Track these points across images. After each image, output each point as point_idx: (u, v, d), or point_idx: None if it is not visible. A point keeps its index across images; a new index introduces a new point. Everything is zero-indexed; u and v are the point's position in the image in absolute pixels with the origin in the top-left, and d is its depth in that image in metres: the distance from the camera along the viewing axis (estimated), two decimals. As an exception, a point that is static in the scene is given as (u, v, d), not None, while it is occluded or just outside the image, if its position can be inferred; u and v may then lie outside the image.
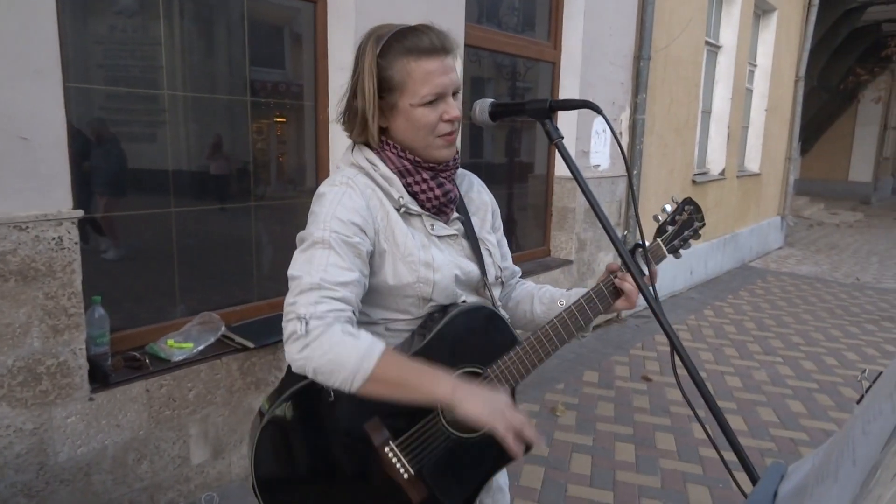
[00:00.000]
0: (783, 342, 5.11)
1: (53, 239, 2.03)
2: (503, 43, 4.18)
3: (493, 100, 1.21)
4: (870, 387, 0.75)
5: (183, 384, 2.45)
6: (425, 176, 1.20)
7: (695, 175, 6.63)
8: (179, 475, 2.49)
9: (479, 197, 1.37)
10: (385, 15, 3.02)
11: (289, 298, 1.07)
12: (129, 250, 2.62)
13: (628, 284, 1.26)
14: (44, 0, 1.95)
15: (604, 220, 1.07)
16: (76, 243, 2.09)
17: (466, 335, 1.19)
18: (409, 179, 1.19)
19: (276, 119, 3.10)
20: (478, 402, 1.02)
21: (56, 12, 1.99)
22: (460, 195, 1.31)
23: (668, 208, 1.37)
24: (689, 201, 1.37)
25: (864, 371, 0.85)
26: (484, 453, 1.21)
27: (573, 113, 4.46)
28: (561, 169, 4.83)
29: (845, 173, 19.04)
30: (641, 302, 1.16)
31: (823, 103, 15.37)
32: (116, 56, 2.49)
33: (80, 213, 2.09)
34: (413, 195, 1.20)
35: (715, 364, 4.52)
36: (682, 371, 1.05)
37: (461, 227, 1.27)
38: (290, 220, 3.14)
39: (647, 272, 1.23)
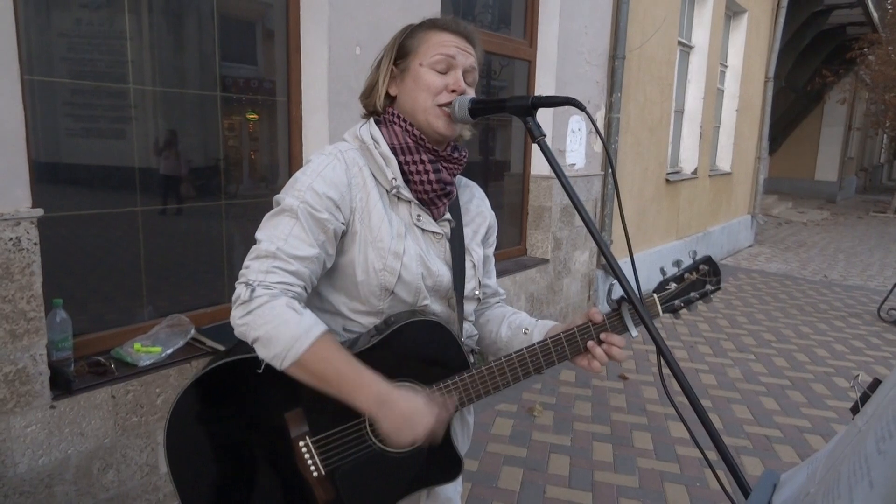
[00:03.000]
0: (755, 339, 5.17)
1: (11, 239, 1.94)
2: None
3: (472, 97, 1.17)
4: (866, 394, 0.73)
5: (151, 390, 2.36)
6: (424, 158, 1.18)
7: (668, 174, 6.69)
8: (147, 484, 2.41)
9: (477, 209, 1.35)
10: (360, 9, 2.96)
11: (245, 260, 1.08)
12: (94, 250, 2.52)
13: (600, 351, 1.17)
14: (-1, -11, 1.86)
15: (587, 221, 1.04)
16: (36, 244, 2.00)
17: (415, 348, 1.13)
18: (408, 158, 1.17)
19: (247, 115, 3.02)
20: (394, 428, 1.02)
21: (13, 2, 1.89)
22: (458, 202, 1.29)
23: (683, 263, 1.24)
24: (707, 260, 1.22)
25: (857, 376, 0.83)
26: (404, 471, 1.15)
27: (549, 111, 4.45)
28: (537, 168, 4.81)
29: (812, 172, 19.49)
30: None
31: (791, 104, 15.70)
32: (82, 49, 2.39)
33: (39, 212, 2.00)
34: (408, 177, 1.18)
35: (690, 362, 4.55)
36: (667, 374, 1.03)
37: (449, 230, 1.23)
38: (261, 218, 3.05)
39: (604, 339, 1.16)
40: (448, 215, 1.23)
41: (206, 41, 2.76)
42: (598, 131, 1.04)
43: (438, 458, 1.14)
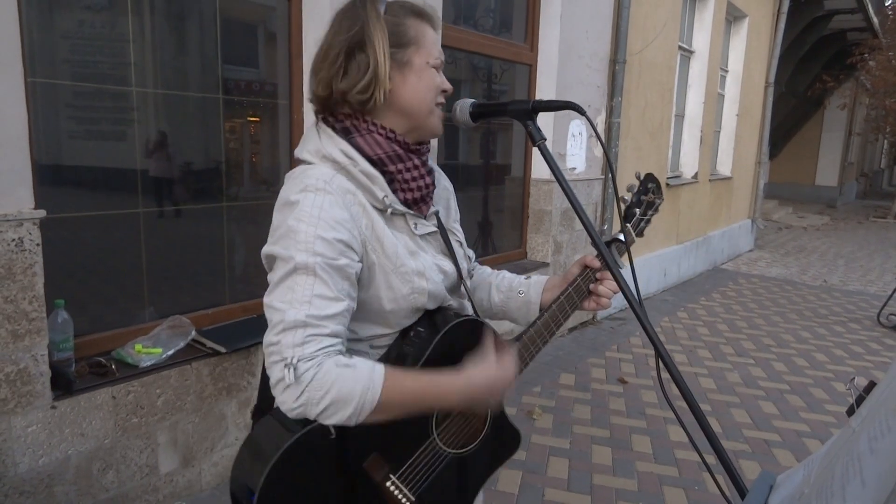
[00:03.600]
0: (755, 344, 5.18)
1: (13, 240, 1.95)
2: (480, 44, 4.17)
3: (474, 100, 1.18)
4: (861, 396, 0.74)
5: (151, 391, 2.37)
6: (416, 162, 1.11)
7: (668, 178, 6.71)
8: (147, 485, 2.41)
9: (440, 185, 1.25)
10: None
11: (270, 336, 0.96)
12: (96, 252, 2.53)
13: (603, 288, 1.25)
14: (4, -9, 1.87)
15: (586, 222, 1.04)
16: (38, 245, 2.01)
17: (457, 350, 1.11)
18: (400, 166, 1.08)
19: (249, 118, 3.03)
20: (486, 396, 1.04)
21: (17, 4, 1.91)
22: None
23: (634, 187, 1.34)
24: (651, 178, 1.33)
25: (853, 379, 0.84)
26: (477, 462, 1.20)
27: (550, 115, 4.46)
28: (538, 171, 4.83)
29: (812, 177, 19.52)
30: (616, 304, 1.14)
31: (791, 109, 15.73)
32: (84, 52, 2.41)
33: (42, 213, 2.01)
34: (400, 184, 1.09)
35: (689, 366, 4.56)
36: (665, 376, 1.03)
37: (436, 220, 1.19)
38: (263, 221, 3.07)
39: (623, 267, 1.20)
40: (433, 207, 1.19)
41: (208, 44, 2.77)
42: (597, 135, 1.05)
43: (501, 437, 1.20)
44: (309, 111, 3.00)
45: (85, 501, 2.23)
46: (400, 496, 1.07)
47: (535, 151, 4.79)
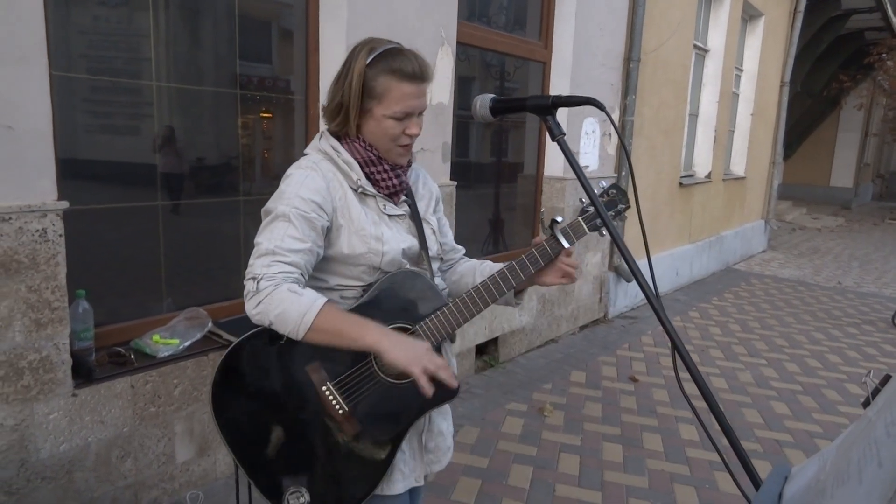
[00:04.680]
0: (767, 344, 5.16)
1: (37, 231, 1.99)
2: (495, 41, 4.17)
3: (493, 95, 1.20)
4: (877, 388, 0.75)
5: (168, 381, 2.41)
6: (386, 167, 1.38)
7: (681, 177, 6.68)
8: (164, 473, 2.45)
9: (424, 187, 1.56)
10: (378, 10, 3.00)
11: (250, 260, 1.26)
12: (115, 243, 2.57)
13: (566, 266, 1.41)
14: (30, -14, 1.91)
15: (602, 213, 1.06)
16: (61, 235, 2.05)
17: (399, 295, 1.36)
18: (373, 169, 1.37)
19: (265, 113, 3.06)
20: (399, 350, 1.21)
21: (42, 1, 1.94)
22: (409, 185, 1.50)
23: (596, 191, 1.41)
24: (614, 186, 1.45)
25: (869, 372, 0.85)
26: (412, 397, 1.32)
27: (563, 113, 4.46)
28: (551, 169, 4.83)
29: (827, 178, 19.32)
30: (627, 303, 1.15)
31: (807, 109, 15.58)
32: (105, 47, 2.44)
33: (65, 204, 2.05)
34: (374, 182, 1.39)
35: (701, 365, 4.55)
36: (681, 371, 1.05)
37: (408, 209, 1.46)
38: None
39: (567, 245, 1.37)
40: (404, 198, 1.46)
41: (227, 41, 2.80)
42: (616, 130, 1.07)
43: (437, 382, 1.30)
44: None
45: (104, 488, 2.27)
46: (334, 403, 1.30)
47: (549, 149, 4.81)
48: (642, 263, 1.19)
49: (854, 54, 15.19)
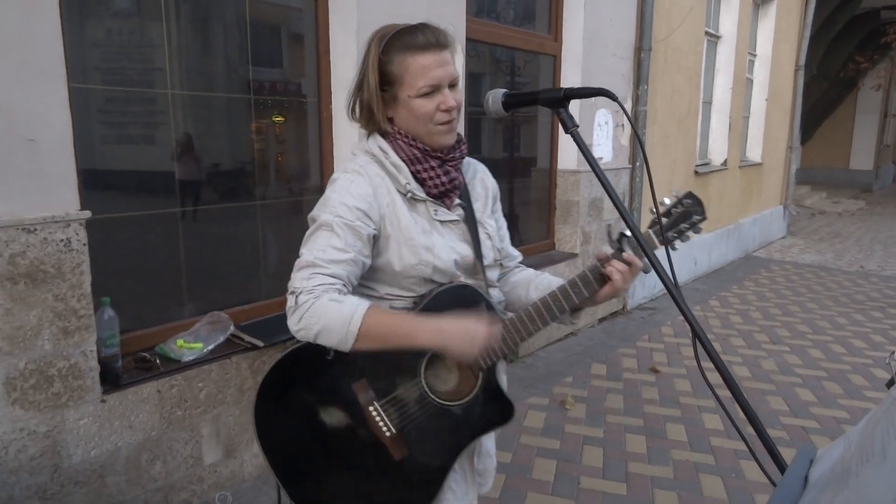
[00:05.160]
0: (790, 331, 5.10)
1: (62, 240, 2.03)
2: (504, 36, 4.17)
3: (505, 90, 1.21)
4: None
5: (194, 384, 2.45)
6: (433, 164, 1.28)
7: (697, 166, 6.62)
8: (192, 475, 2.49)
9: (481, 183, 1.45)
10: (386, 10, 3.01)
11: (291, 274, 1.21)
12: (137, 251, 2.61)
13: (616, 273, 1.28)
14: (47, 1, 1.94)
15: (619, 205, 1.06)
16: (84, 245, 2.09)
17: (449, 311, 1.25)
18: (419, 167, 1.28)
19: (279, 118, 3.09)
20: (460, 346, 1.15)
21: (59, 12, 1.98)
22: (465, 183, 1.39)
23: (668, 201, 1.36)
24: (689, 195, 1.35)
25: (893, 353, 0.84)
26: (464, 422, 1.29)
27: (576, 105, 4.44)
28: (565, 162, 4.81)
29: (846, 162, 19.00)
30: (646, 294, 1.15)
31: (823, 92, 15.34)
32: (120, 57, 2.48)
33: (87, 213, 2.09)
34: (420, 182, 1.29)
35: (723, 354, 4.51)
36: (702, 359, 1.05)
37: (462, 212, 1.35)
38: (295, 217, 3.13)
39: (636, 259, 1.26)
40: (458, 200, 1.35)
41: (238, 47, 2.84)
42: (629, 120, 1.07)
43: (492, 405, 1.27)
44: (337, 109, 3.03)
45: (134, 491, 2.31)
46: (381, 424, 1.24)
47: (562, 142, 4.79)
48: (660, 253, 1.20)
49: (870, 34, 14.92)
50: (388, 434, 1.24)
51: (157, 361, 2.39)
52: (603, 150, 4.92)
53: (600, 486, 2.77)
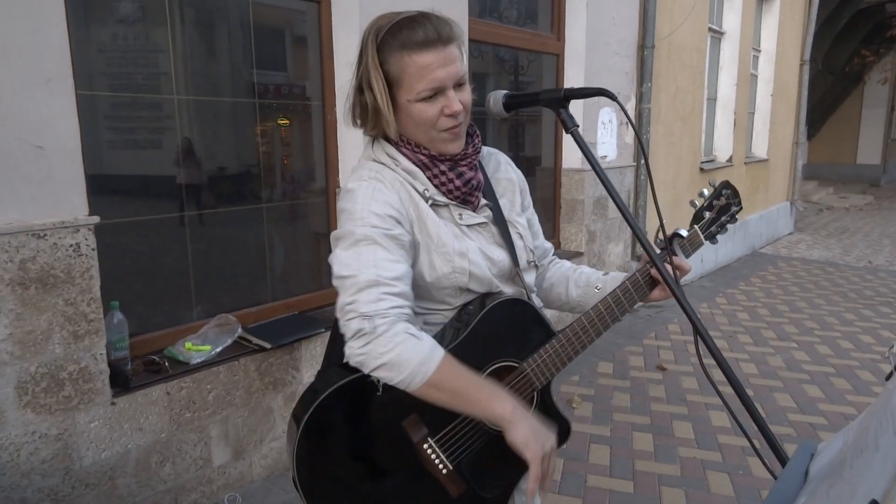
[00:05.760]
0: (797, 327, 5.08)
1: (71, 245, 2.05)
2: (507, 37, 4.18)
3: (506, 91, 1.22)
4: (901, 361, 0.75)
5: (202, 386, 2.47)
6: (443, 168, 1.18)
7: (702, 163, 6.61)
8: (202, 477, 2.51)
9: (506, 176, 1.33)
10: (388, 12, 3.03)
11: (345, 298, 1.06)
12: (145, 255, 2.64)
13: (657, 272, 1.23)
14: (53, 9, 1.97)
15: (624, 211, 1.07)
16: (93, 249, 2.12)
17: (501, 329, 1.18)
18: (428, 173, 1.18)
19: (284, 121, 3.11)
20: (529, 434, 1.03)
21: (66, 21, 2.01)
22: (487, 178, 1.27)
23: (706, 192, 1.35)
24: (726, 185, 1.35)
25: (893, 346, 0.85)
26: None
27: (579, 104, 4.45)
28: (569, 161, 4.82)
29: (853, 156, 18.89)
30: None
31: (829, 86, 15.26)
32: (127, 63, 2.51)
33: (96, 219, 2.11)
34: (436, 187, 1.19)
35: (730, 351, 4.51)
36: (706, 358, 1.06)
37: (490, 213, 1.24)
38: (301, 220, 3.15)
39: (673, 263, 1.20)
40: (484, 200, 1.25)
41: (243, 51, 2.86)
42: (629, 120, 1.08)
43: (548, 424, 1.20)
44: (341, 111, 3.05)
45: (145, 493, 2.34)
46: (437, 461, 1.13)
47: (566, 141, 4.79)
48: (668, 249, 1.21)
49: (875, 28, 14.83)
50: (444, 471, 1.14)
51: (166, 364, 2.42)
52: (607, 148, 4.93)
53: (607, 485, 2.78)
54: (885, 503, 0.37)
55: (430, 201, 1.17)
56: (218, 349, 2.54)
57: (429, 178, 1.18)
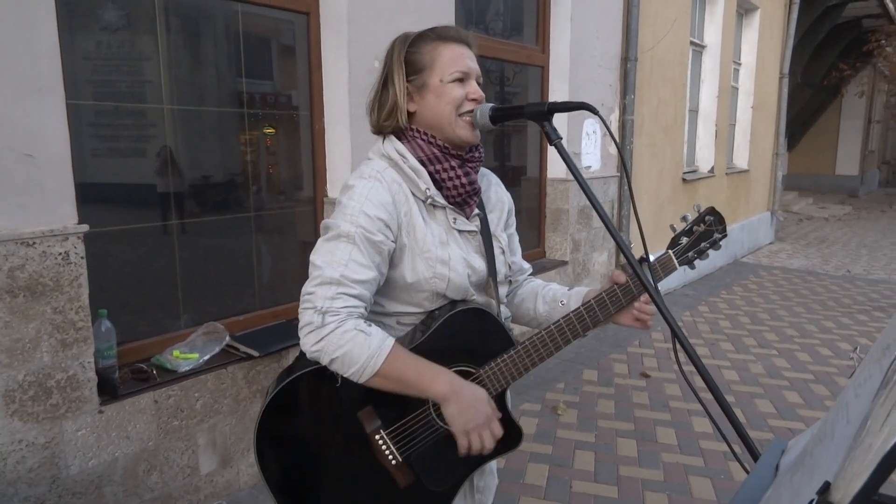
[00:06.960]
0: (778, 335, 5.18)
1: (60, 254, 2.06)
2: (493, 49, 4.25)
3: (492, 104, 1.26)
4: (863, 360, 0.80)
5: (190, 394, 2.47)
6: (453, 163, 1.26)
7: (684, 173, 6.72)
8: (189, 485, 2.52)
9: (496, 196, 1.43)
10: (377, 24, 3.07)
11: (308, 286, 1.15)
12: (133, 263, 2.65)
13: (640, 313, 1.32)
14: (44, 18, 1.99)
15: (607, 222, 1.12)
16: (82, 258, 2.12)
17: (462, 336, 1.25)
18: (438, 167, 1.25)
19: (271, 130, 3.14)
20: (458, 410, 1.14)
21: (57, 30, 2.03)
22: (480, 192, 1.36)
23: (689, 217, 1.36)
24: (711, 211, 1.34)
25: (856, 348, 0.90)
26: None
27: (564, 115, 4.53)
28: (554, 171, 4.89)
29: (832, 167, 19.26)
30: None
31: (808, 99, 15.55)
32: (116, 73, 2.53)
33: (85, 227, 2.12)
34: (439, 184, 1.26)
35: (712, 358, 4.58)
36: (685, 364, 1.10)
37: (479, 223, 1.33)
38: (289, 229, 3.17)
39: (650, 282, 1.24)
40: (477, 210, 1.33)
41: (231, 60, 2.89)
42: (611, 134, 1.12)
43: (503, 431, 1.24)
44: (330, 121, 3.08)
45: (132, 501, 2.33)
46: (387, 452, 1.21)
47: (551, 151, 4.86)
48: (647, 260, 1.26)
49: (852, 42, 15.17)
50: (393, 462, 1.21)
51: (154, 372, 2.42)
52: (591, 158, 5.00)
53: (592, 490, 2.82)
54: (836, 482, 0.41)
55: (428, 200, 1.24)
56: (206, 357, 2.55)
57: (436, 173, 1.25)
